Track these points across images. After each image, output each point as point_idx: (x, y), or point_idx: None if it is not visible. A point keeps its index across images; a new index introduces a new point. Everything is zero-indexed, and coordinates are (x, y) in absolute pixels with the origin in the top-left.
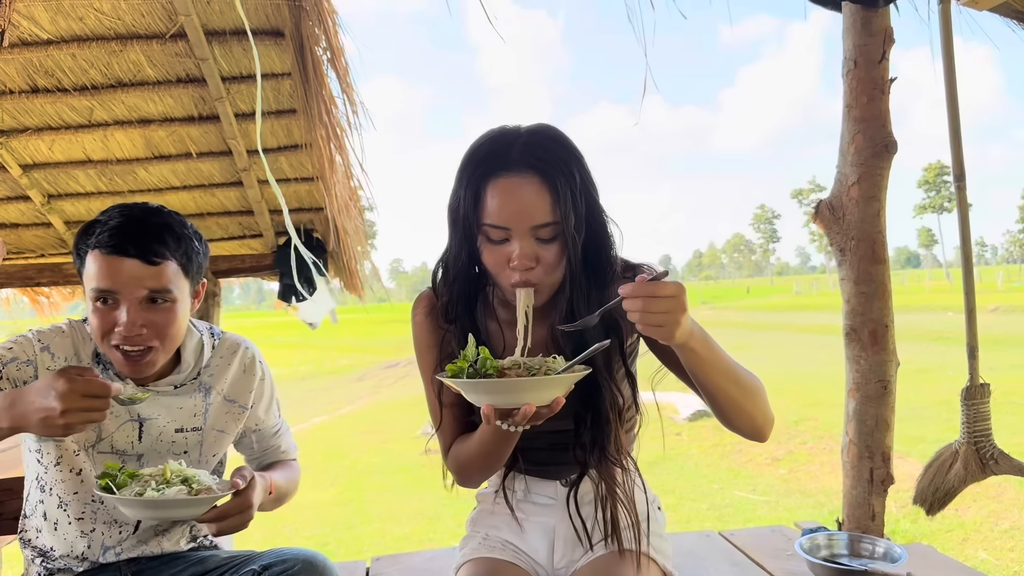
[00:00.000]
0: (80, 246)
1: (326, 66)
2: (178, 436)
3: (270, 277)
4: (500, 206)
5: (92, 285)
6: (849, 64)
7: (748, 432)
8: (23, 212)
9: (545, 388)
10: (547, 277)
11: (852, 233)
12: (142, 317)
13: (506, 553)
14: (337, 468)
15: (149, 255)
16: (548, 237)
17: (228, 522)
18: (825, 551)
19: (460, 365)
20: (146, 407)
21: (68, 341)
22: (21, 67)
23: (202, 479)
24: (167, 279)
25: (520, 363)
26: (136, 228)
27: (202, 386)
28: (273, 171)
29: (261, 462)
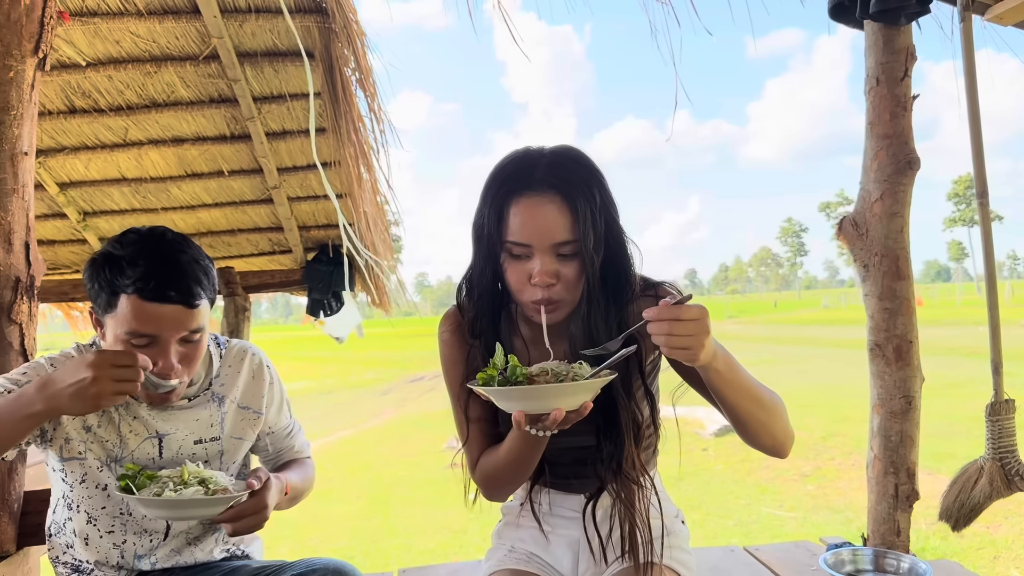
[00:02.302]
0: (106, 283)
1: (355, 86)
2: (198, 447)
3: (299, 292)
4: (522, 224)
5: (127, 328)
6: (872, 82)
7: (769, 449)
8: (59, 229)
9: (574, 393)
10: (567, 294)
11: (876, 249)
12: (178, 354)
13: (531, 565)
14: (363, 481)
15: (190, 299)
16: (568, 254)
17: (244, 522)
18: (850, 567)
19: (490, 373)
20: (164, 422)
21: None
22: (60, 89)
23: (219, 480)
24: (203, 317)
25: (548, 369)
26: (173, 273)
27: (215, 396)
28: (302, 188)
29: (276, 462)
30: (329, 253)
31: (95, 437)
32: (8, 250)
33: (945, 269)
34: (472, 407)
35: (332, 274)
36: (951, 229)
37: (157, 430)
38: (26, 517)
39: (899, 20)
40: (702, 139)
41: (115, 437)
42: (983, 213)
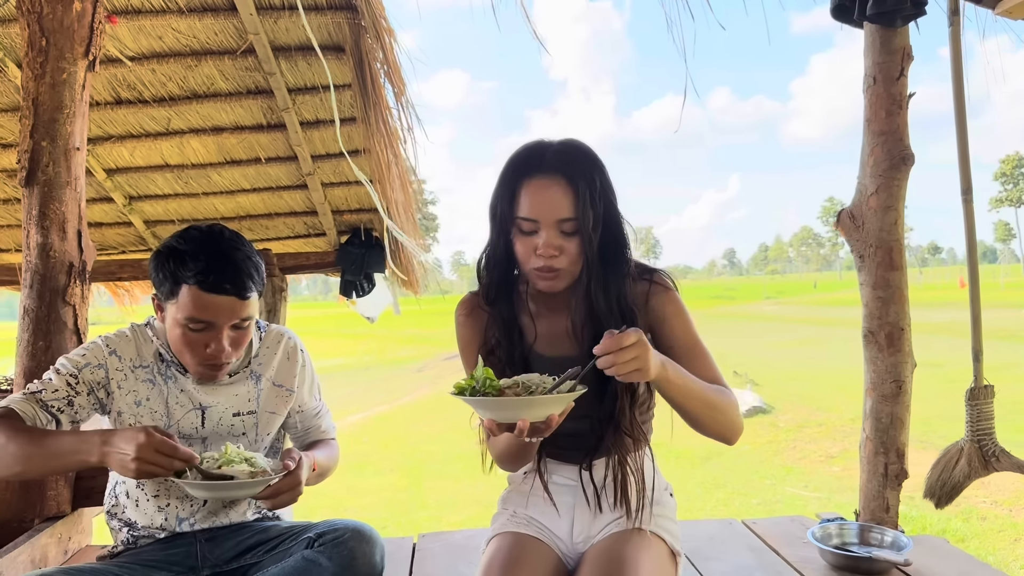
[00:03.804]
0: (170, 274)
1: (383, 78)
2: (236, 420)
3: (333, 273)
4: (531, 202)
5: (187, 314)
6: (869, 80)
7: (718, 438)
8: (107, 212)
9: (537, 407)
10: (568, 266)
11: (871, 241)
12: (230, 340)
13: (531, 528)
14: (396, 455)
15: (243, 292)
16: (570, 231)
17: (281, 498)
18: (836, 539)
19: (468, 384)
20: (207, 395)
21: (132, 344)
22: (107, 82)
23: (258, 461)
24: (253, 308)
25: (519, 383)
26: (229, 268)
27: (253, 374)
28: (335, 174)
29: (304, 440)
30: (361, 236)
31: (145, 410)
32: (62, 238)
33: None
34: None
35: (364, 256)
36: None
37: (201, 402)
38: (80, 481)
39: (895, 22)
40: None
41: (163, 408)
42: (967, 210)
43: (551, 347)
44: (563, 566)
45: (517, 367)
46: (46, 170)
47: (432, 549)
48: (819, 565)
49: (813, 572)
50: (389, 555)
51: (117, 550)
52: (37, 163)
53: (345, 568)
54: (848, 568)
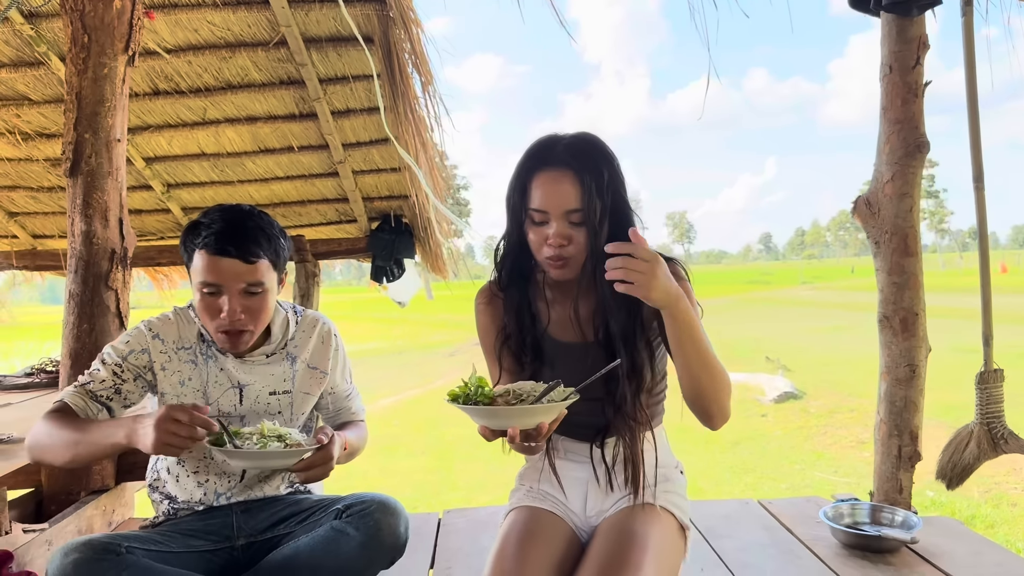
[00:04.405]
0: (188, 244)
1: (411, 68)
2: (272, 399)
3: (364, 259)
4: (541, 194)
5: (199, 279)
6: (885, 69)
7: (708, 413)
8: (146, 200)
9: (527, 415)
10: (578, 255)
11: (886, 227)
12: (241, 305)
13: (546, 503)
14: (428, 438)
15: (246, 255)
16: (578, 221)
17: (313, 472)
18: (848, 519)
19: (463, 390)
20: (244, 374)
21: (174, 327)
22: (145, 74)
23: (293, 436)
24: (260, 274)
25: (511, 391)
26: (235, 232)
27: (288, 356)
28: (365, 162)
29: (334, 421)
30: (391, 222)
31: (188, 389)
32: (105, 225)
33: None
34: (504, 358)
35: (394, 242)
36: None
37: (239, 381)
38: (123, 457)
39: (911, 11)
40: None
41: (203, 387)
42: (978, 197)
43: (563, 333)
44: (577, 539)
45: (529, 352)
46: (89, 161)
47: (456, 524)
48: (830, 543)
49: (824, 550)
50: (415, 529)
51: (158, 521)
52: (81, 154)
53: (371, 538)
54: (858, 546)
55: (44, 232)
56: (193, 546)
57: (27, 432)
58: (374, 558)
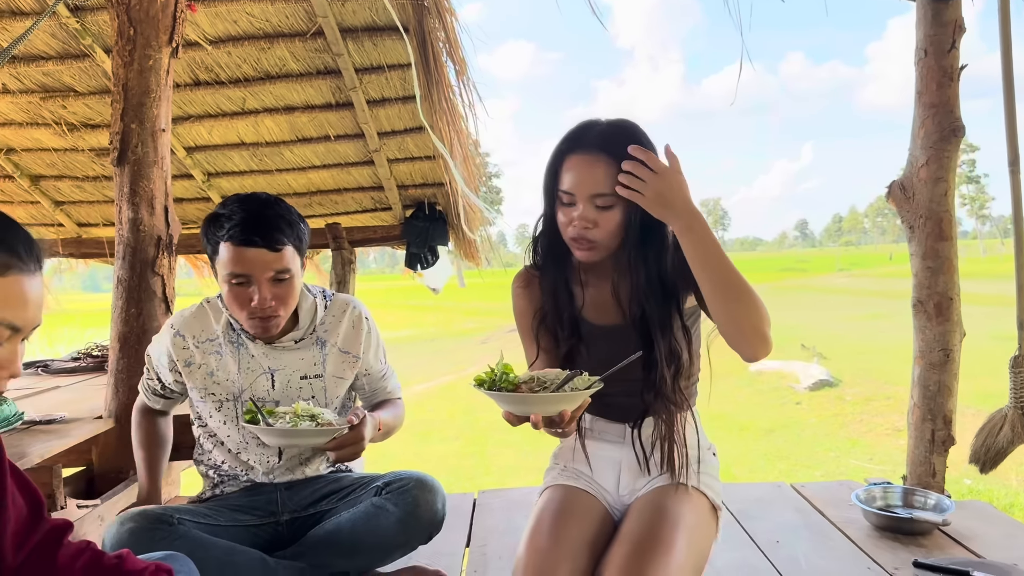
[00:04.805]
0: (211, 236)
1: (445, 57)
2: (304, 383)
3: (398, 246)
4: (570, 177)
5: (227, 270)
6: (920, 53)
7: (742, 340)
8: (187, 188)
9: (549, 403)
10: (602, 238)
11: (921, 212)
12: (270, 292)
13: (580, 481)
14: (461, 423)
15: (272, 243)
16: (604, 205)
17: (345, 451)
18: (880, 502)
19: (488, 376)
20: (274, 360)
21: (198, 320)
22: (186, 65)
23: (325, 416)
24: (287, 260)
25: (535, 377)
26: (258, 221)
27: (318, 340)
28: (400, 151)
29: (371, 400)
30: (425, 210)
31: (220, 378)
32: (151, 213)
33: None
34: (544, 339)
35: (428, 229)
36: None
37: (269, 366)
38: None
39: None
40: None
41: (235, 375)
42: (1014, 181)
43: (598, 315)
44: (610, 517)
45: (565, 330)
46: (135, 150)
47: (491, 504)
48: (862, 525)
49: (856, 532)
50: (451, 508)
51: (205, 496)
52: (127, 144)
53: (409, 514)
54: (889, 528)
55: (89, 220)
56: (240, 520)
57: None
58: (412, 533)
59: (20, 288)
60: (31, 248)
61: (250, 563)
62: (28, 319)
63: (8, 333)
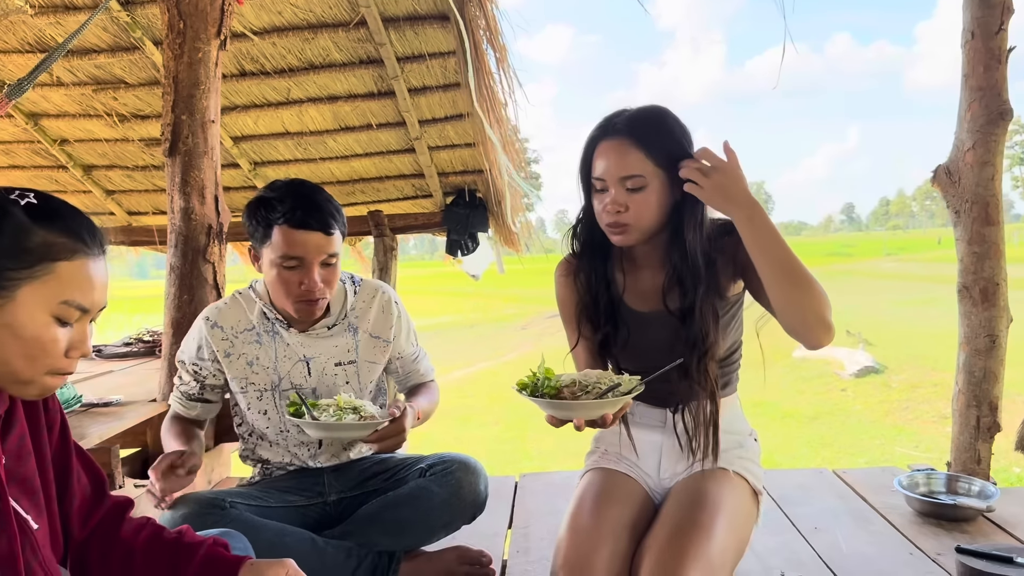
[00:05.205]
0: (263, 219)
1: (486, 45)
2: (338, 369)
3: (439, 233)
4: (600, 163)
5: (280, 253)
6: (967, 35)
7: (804, 327)
8: (234, 177)
9: (591, 409)
10: (634, 221)
11: (967, 196)
12: (321, 275)
13: (621, 465)
14: (501, 409)
15: (326, 227)
16: (634, 188)
17: (387, 442)
18: (923, 488)
19: (530, 380)
20: (308, 348)
21: (233, 312)
22: (232, 56)
23: (367, 408)
24: (336, 244)
25: (577, 382)
26: (313, 207)
27: (350, 327)
28: (440, 138)
29: (406, 383)
30: (465, 197)
31: (259, 368)
32: (202, 202)
33: None
34: (584, 327)
35: (468, 216)
36: None
37: (304, 354)
38: (220, 420)
39: None
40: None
41: (272, 364)
42: None
43: (639, 301)
44: (651, 500)
45: (603, 319)
46: (186, 141)
47: (532, 487)
48: (904, 511)
49: (898, 518)
50: (493, 491)
51: (255, 480)
52: (178, 135)
53: (453, 495)
54: (932, 514)
55: (139, 209)
56: (289, 501)
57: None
58: (456, 514)
59: (87, 271)
60: (95, 234)
61: (300, 543)
62: (95, 301)
63: (77, 314)
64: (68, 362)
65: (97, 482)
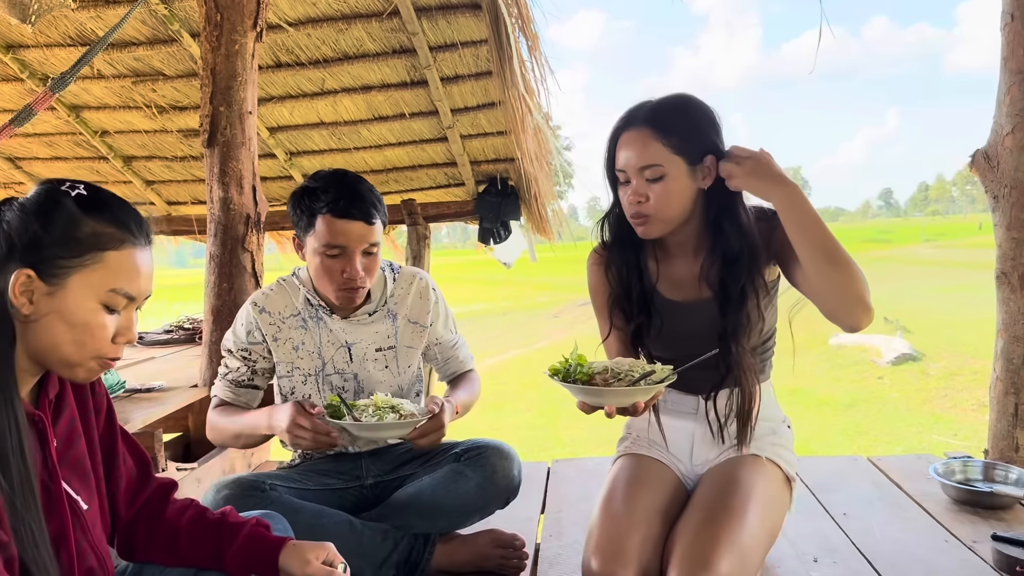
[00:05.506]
0: (306, 208)
1: (518, 32)
2: (378, 355)
3: (471, 221)
4: (621, 154)
5: (323, 242)
6: (1007, 17)
7: (844, 309)
8: (270, 167)
9: (622, 396)
10: (657, 212)
11: (1005, 181)
12: (363, 264)
13: (652, 451)
14: (533, 396)
15: (369, 217)
16: (653, 177)
17: (427, 439)
18: (960, 475)
19: (563, 366)
20: (350, 334)
21: (279, 298)
22: (268, 48)
23: (406, 407)
24: (378, 233)
25: (609, 368)
26: (356, 197)
27: (390, 313)
28: (473, 127)
29: (445, 370)
30: (497, 185)
31: (303, 353)
32: (240, 192)
33: None
34: (616, 317)
35: (500, 204)
36: None
37: (346, 340)
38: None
39: None
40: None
41: (316, 349)
42: None
43: (672, 290)
44: (683, 486)
45: (634, 310)
46: (224, 132)
47: (565, 472)
48: (940, 499)
49: (933, 505)
50: (526, 477)
51: (294, 463)
52: (217, 126)
53: (487, 479)
54: (969, 502)
55: (178, 199)
56: (327, 484)
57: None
58: (490, 498)
59: (133, 260)
60: (141, 224)
61: (338, 525)
62: (141, 289)
63: (124, 302)
64: (115, 348)
65: (142, 464)
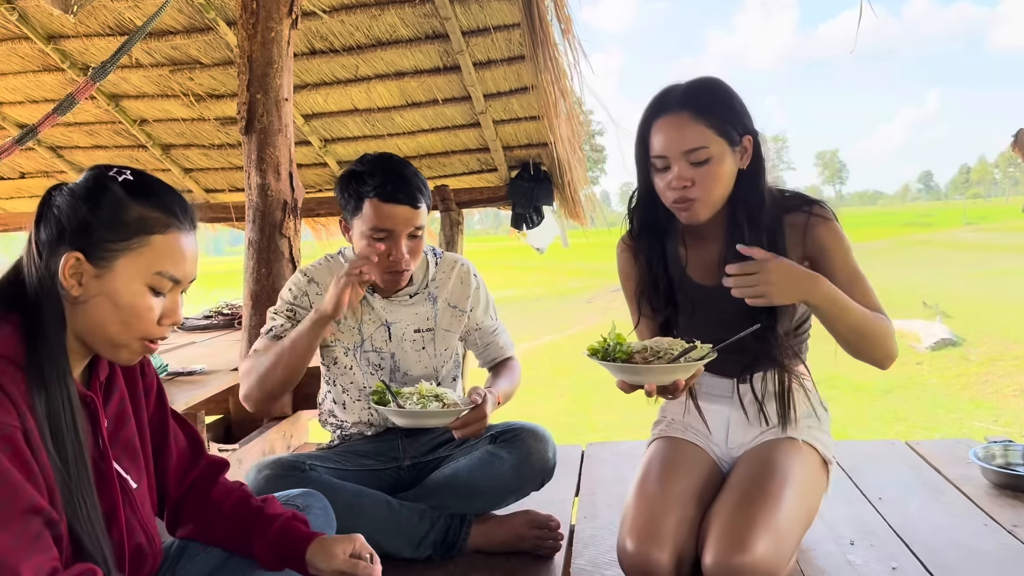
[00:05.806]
0: (354, 192)
1: (551, 16)
2: (416, 336)
3: (504, 207)
4: (659, 140)
5: (370, 225)
6: None
7: (870, 363)
8: (305, 155)
9: (662, 374)
10: (704, 195)
11: None
12: (408, 247)
13: (687, 434)
14: (566, 382)
15: (415, 201)
16: (699, 160)
17: (469, 428)
18: (1000, 459)
19: (601, 345)
20: (391, 314)
21: (326, 272)
22: (302, 35)
23: (449, 396)
24: (423, 217)
25: (648, 348)
26: (402, 181)
27: (430, 296)
28: (505, 112)
29: (485, 356)
30: (530, 171)
31: (345, 326)
32: (277, 178)
33: None
34: (644, 307)
35: (533, 190)
36: None
37: (386, 319)
38: (298, 389)
39: None
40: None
41: (357, 325)
42: None
43: (704, 275)
44: (718, 469)
45: (662, 300)
46: (261, 119)
47: (599, 455)
48: (980, 483)
49: (973, 489)
50: (560, 459)
51: (333, 444)
52: (254, 113)
53: (522, 461)
54: (1009, 486)
55: (215, 187)
56: (365, 465)
57: (213, 365)
58: (526, 479)
59: (179, 244)
60: (186, 209)
61: (376, 504)
62: (186, 272)
63: (170, 284)
64: (161, 329)
65: (194, 442)
